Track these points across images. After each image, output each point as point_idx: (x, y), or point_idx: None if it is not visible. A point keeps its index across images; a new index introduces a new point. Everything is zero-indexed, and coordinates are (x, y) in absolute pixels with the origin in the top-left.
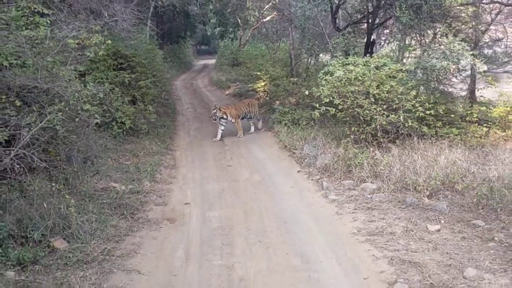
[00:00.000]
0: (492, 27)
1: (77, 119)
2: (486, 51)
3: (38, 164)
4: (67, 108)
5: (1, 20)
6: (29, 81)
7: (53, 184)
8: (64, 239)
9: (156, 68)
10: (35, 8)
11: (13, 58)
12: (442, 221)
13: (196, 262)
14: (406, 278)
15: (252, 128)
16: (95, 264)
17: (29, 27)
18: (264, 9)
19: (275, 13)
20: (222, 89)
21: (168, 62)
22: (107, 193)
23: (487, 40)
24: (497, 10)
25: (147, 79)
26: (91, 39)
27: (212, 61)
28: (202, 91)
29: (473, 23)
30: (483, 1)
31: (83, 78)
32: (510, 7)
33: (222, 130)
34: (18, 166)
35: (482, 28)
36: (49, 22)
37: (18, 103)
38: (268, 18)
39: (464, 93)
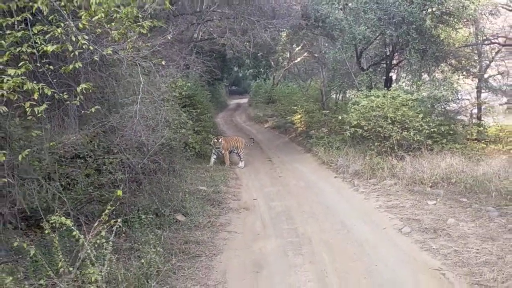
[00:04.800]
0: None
1: (177, 139)
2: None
3: (163, 166)
4: (171, 131)
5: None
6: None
7: (174, 179)
8: (183, 214)
9: (208, 106)
10: (136, 60)
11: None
12: (438, 199)
13: (271, 227)
14: (410, 226)
15: (242, 163)
16: (205, 228)
17: (132, 74)
18: (295, 51)
19: (305, 54)
20: (260, 123)
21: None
22: (198, 192)
23: (494, 74)
24: (497, 50)
25: (205, 115)
26: (177, 83)
27: (243, 101)
28: (242, 126)
29: (475, 60)
30: (484, 42)
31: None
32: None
33: (215, 158)
34: (153, 166)
35: (485, 64)
36: (146, 71)
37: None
38: (298, 59)
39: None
